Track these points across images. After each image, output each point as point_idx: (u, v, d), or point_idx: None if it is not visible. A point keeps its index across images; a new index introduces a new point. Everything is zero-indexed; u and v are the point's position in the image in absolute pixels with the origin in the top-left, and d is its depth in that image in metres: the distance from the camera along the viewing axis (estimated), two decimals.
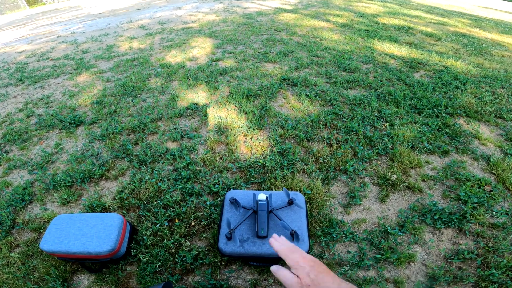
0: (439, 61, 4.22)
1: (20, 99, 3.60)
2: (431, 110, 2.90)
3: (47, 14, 13.43)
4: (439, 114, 2.85)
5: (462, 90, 3.32)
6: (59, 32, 7.70)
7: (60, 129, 2.85)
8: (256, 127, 2.67)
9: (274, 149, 2.40)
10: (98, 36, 6.46)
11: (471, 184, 2.08)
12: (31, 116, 3.15)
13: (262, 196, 1.59)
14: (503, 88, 3.48)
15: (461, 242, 1.72)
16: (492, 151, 2.43)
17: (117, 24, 7.67)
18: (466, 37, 5.78)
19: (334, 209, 1.94)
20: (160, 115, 2.91)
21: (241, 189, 2.05)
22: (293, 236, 1.43)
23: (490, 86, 3.49)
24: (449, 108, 2.95)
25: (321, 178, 2.13)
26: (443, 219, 1.83)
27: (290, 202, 1.60)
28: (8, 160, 2.50)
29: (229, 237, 1.43)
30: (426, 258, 1.65)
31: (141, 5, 11.18)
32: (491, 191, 2.04)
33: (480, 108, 2.98)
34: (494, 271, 1.54)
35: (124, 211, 1.93)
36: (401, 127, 2.63)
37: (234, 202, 1.57)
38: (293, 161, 2.26)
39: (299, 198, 1.67)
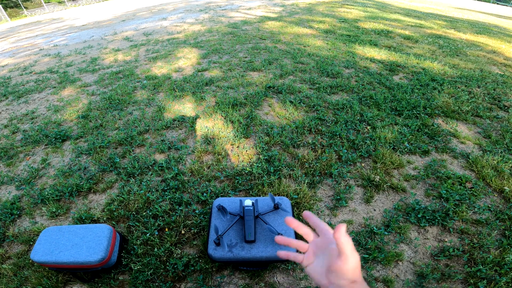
0: (417, 63, 4.38)
1: (4, 115, 3.55)
2: (410, 111, 3.01)
3: (28, 26, 13.25)
4: (418, 115, 2.96)
5: (439, 91, 3.47)
6: (41, 45, 7.61)
7: (46, 145, 2.83)
8: (243, 135, 2.72)
9: (260, 156, 2.45)
10: (81, 48, 6.42)
11: (452, 181, 2.16)
12: (16, 132, 3.11)
13: (248, 202, 1.63)
14: (478, 87, 3.63)
15: (446, 240, 1.76)
16: (471, 148, 2.53)
17: (101, 36, 7.64)
18: (442, 38, 5.99)
19: (321, 211, 1.99)
20: (147, 128, 2.93)
21: (229, 196, 2.08)
22: None
23: (466, 85, 3.65)
24: (427, 108, 3.07)
25: (307, 182, 2.19)
26: (427, 217, 1.89)
27: (276, 207, 1.64)
28: None
29: (218, 243, 1.46)
30: (413, 257, 1.68)
31: (125, 16, 11.17)
32: (472, 187, 2.12)
33: (457, 107, 3.11)
34: (481, 267, 1.58)
35: (113, 222, 1.94)
36: (382, 129, 2.72)
37: (221, 209, 1.61)
38: (279, 167, 2.31)
39: (285, 202, 1.71)
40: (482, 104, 3.21)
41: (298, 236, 1.78)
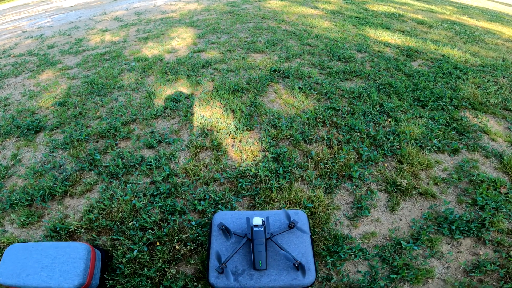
0: (435, 49, 4.03)
1: None
2: (435, 102, 2.68)
3: (16, 9, 12.51)
4: (444, 107, 2.63)
5: (464, 80, 3.12)
6: (25, 27, 7.05)
7: (17, 137, 2.45)
8: (245, 127, 2.36)
9: (267, 153, 2.10)
10: (66, 29, 5.89)
11: (486, 186, 1.90)
12: None
13: (257, 220, 1.29)
14: (504, 77, 3.31)
15: (481, 253, 1.56)
16: (503, 147, 2.25)
17: (89, 16, 7.09)
18: (457, 24, 5.65)
19: (340, 223, 1.71)
20: (134, 117, 2.55)
21: (231, 204, 1.75)
22: (298, 268, 1.17)
23: (491, 75, 3.31)
24: (453, 100, 2.73)
25: (323, 187, 1.86)
26: (461, 228, 1.64)
27: (291, 226, 1.32)
28: None
29: (221, 272, 1.15)
30: (444, 273, 1.48)
31: None
32: (507, 193, 1.86)
33: (485, 99, 2.78)
34: None
35: (93, 235, 1.65)
36: (406, 123, 2.38)
37: (224, 230, 1.27)
38: (290, 168, 1.97)
39: (301, 218, 1.39)
40: (510, 96, 2.88)
41: (316, 257, 1.49)
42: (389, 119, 2.44)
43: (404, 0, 8.01)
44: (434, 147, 2.18)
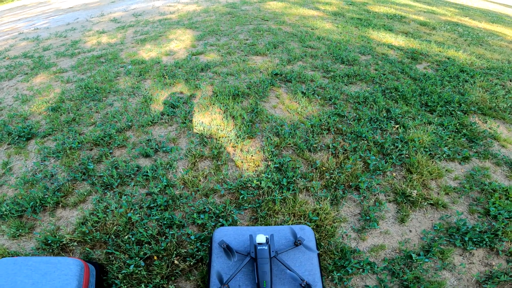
0: (440, 51, 3.96)
1: None
2: (443, 107, 2.60)
3: (14, 10, 12.44)
4: (453, 112, 2.55)
5: (471, 84, 3.04)
6: (22, 29, 6.96)
7: (8, 144, 2.35)
8: (247, 135, 2.26)
9: (269, 163, 2.00)
10: (63, 31, 5.81)
11: (499, 195, 1.83)
12: None
13: (261, 238, 1.20)
14: (511, 81, 3.23)
15: (493, 263, 1.52)
16: None
17: (86, 18, 7.01)
18: (460, 26, 5.60)
19: (347, 236, 1.63)
20: (130, 123, 2.45)
21: (232, 217, 1.65)
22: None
23: (498, 78, 3.23)
24: (462, 104, 2.65)
25: (329, 198, 1.77)
26: (474, 239, 1.59)
27: (297, 244, 1.23)
28: None
29: None
30: (456, 285, 1.44)
31: None
32: None
33: (494, 104, 2.71)
34: None
35: (87, 248, 1.57)
36: (415, 130, 2.30)
37: (226, 249, 1.18)
38: (294, 178, 1.88)
39: (307, 234, 1.30)
40: None
41: (323, 276, 1.41)
42: (397, 126, 2.36)
43: (405, 1, 7.99)
44: (444, 155, 2.10)
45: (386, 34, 4.58)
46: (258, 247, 1.18)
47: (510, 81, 3.24)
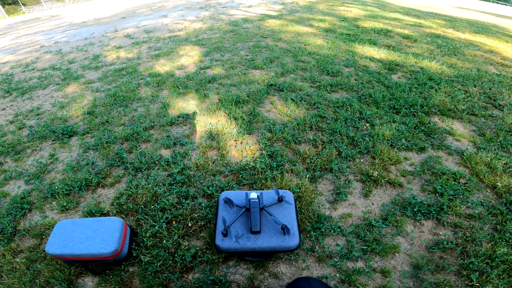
0: (415, 62, 4.44)
1: (9, 111, 3.60)
2: (408, 109, 3.10)
3: (27, 23, 13.15)
4: (415, 113, 3.04)
5: (436, 90, 3.55)
6: (42, 41, 7.60)
7: (53, 140, 2.89)
8: (246, 132, 2.80)
9: (263, 152, 2.53)
10: (83, 45, 6.44)
11: (447, 177, 2.24)
12: (23, 128, 3.17)
13: (253, 195, 1.70)
14: (475, 86, 3.70)
15: (440, 233, 1.84)
16: (466, 146, 2.61)
17: (102, 33, 7.64)
18: (440, 38, 6.02)
19: (322, 205, 2.07)
20: (152, 124, 3.00)
21: (234, 190, 2.16)
22: (284, 230, 1.55)
23: (462, 85, 3.72)
24: (424, 107, 3.15)
25: (308, 177, 2.27)
26: (422, 211, 1.96)
27: (280, 200, 1.72)
28: (3, 171, 2.53)
29: (225, 234, 1.54)
30: (409, 249, 1.76)
31: (125, 13, 11.15)
32: (466, 183, 2.20)
33: (454, 106, 3.19)
34: (474, 259, 1.65)
35: (122, 216, 2.01)
36: (381, 127, 2.81)
37: (228, 202, 1.69)
38: (282, 162, 2.40)
39: (288, 195, 1.79)
40: (477, 103, 3.28)
41: (300, 225, 1.87)
42: (367, 124, 2.87)
43: (395, 15, 8.39)
44: (403, 146, 2.58)
45: (370, 47, 5.07)
46: (251, 200, 1.67)
47: (474, 86, 3.69)
